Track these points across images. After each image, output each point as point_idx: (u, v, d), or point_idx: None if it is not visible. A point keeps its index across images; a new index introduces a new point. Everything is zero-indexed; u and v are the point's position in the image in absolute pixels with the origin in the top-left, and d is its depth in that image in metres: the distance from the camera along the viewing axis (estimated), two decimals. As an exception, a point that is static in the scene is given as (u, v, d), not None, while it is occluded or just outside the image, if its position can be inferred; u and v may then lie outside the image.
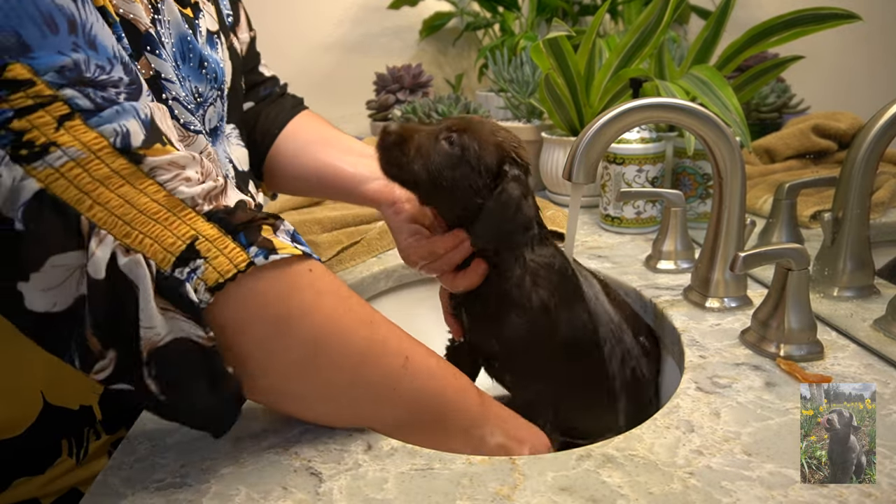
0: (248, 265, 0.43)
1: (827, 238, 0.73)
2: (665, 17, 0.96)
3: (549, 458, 0.49)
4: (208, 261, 0.42)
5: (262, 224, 0.46)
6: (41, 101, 0.38)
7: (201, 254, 0.42)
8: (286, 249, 0.45)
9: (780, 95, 1.31)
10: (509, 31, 1.44)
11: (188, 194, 0.43)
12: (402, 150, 0.58)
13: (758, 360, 0.61)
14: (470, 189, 0.58)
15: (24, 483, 0.59)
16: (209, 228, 0.43)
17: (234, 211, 0.45)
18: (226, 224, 0.44)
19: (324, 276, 0.49)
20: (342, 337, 0.48)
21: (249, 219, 0.45)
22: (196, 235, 0.42)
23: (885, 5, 1.04)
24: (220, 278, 0.42)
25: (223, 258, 0.43)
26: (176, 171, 0.43)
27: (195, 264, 0.42)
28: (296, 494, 0.46)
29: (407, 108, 1.26)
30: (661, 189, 0.92)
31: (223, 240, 0.43)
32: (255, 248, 0.44)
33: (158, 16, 0.55)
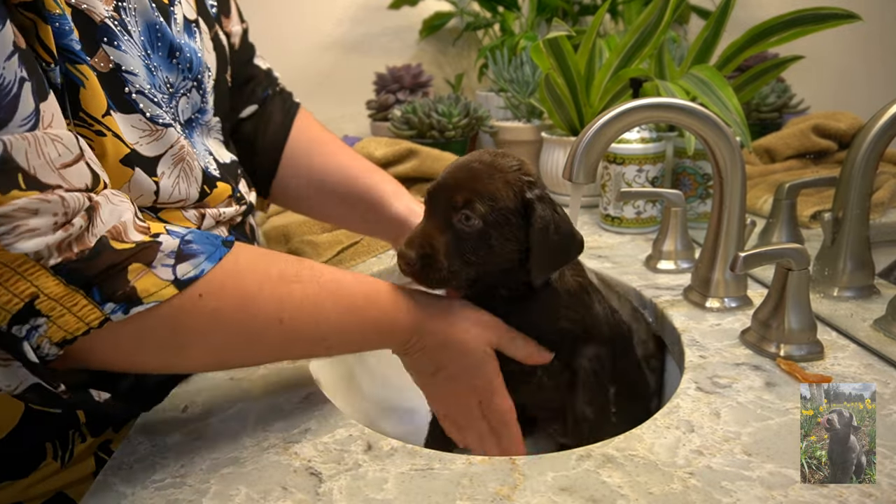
0: (104, 321, 0.41)
1: (827, 238, 0.73)
2: (665, 17, 0.96)
3: (549, 458, 0.49)
4: (51, 319, 0.40)
5: (128, 264, 0.42)
6: None
7: (42, 312, 0.40)
8: (154, 296, 0.42)
9: (780, 95, 1.31)
10: (509, 31, 1.44)
11: (30, 249, 0.39)
12: (434, 265, 0.53)
13: (758, 360, 0.61)
14: (513, 241, 0.55)
15: (7, 486, 0.58)
16: (53, 285, 0.40)
17: (93, 256, 0.41)
18: (77, 277, 0.41)
19: (219, 294, 0.46)
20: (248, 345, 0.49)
21: (110, 264, 0.42)
22: (36, 293, 0.40)
23: (885, 5, 1.04)
24: (67, 336, 0.41)
25: (70, 316, 0.40)
26: (17, 223, 0.38)
27: (35, 322, 0.40)
28: (296, 494, 0.46)
29: (407, 107, 1.26)
30: (661, 189, 0.92)
31: (71, 296, 0.40)
32: (111, 304, 0.41)
33: (123, 3, 0.52)
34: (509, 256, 0.55)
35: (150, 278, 0.43)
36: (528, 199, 0.54)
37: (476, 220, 0.53)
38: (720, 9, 1.01)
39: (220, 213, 0.62)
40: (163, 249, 0.44)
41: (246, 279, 0.48)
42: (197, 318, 0.45)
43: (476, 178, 0.54)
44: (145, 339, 0.44)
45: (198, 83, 0.61)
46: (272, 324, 0.48)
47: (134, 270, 0.42)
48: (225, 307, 0.46)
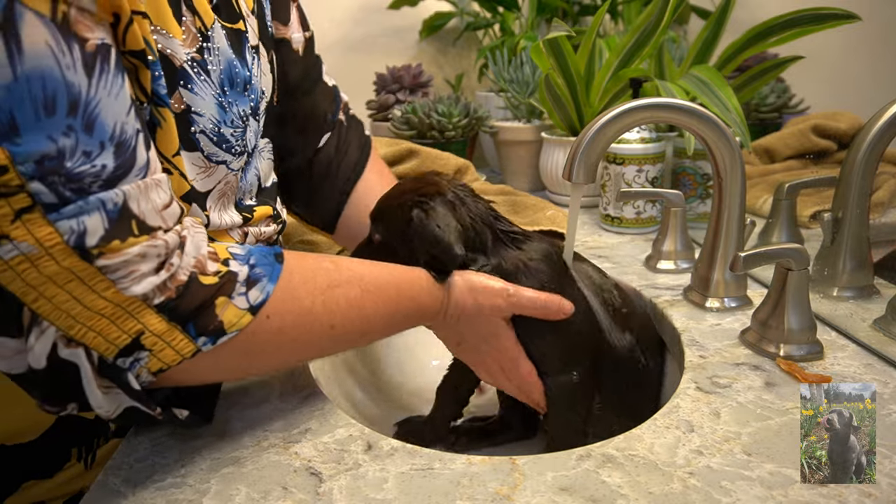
0: (195, 353, 0.45)
1: (827, 238, 0.73)
2: (665, 17, 0.96)
3: (549, 457, 0.49)
4: (153, 353, 0.43)
5: (215, 299, 0.45)
6: (6, 191, 0.37)
7: (146, 346, 0.43)
8: (236, 325, 0.46)
9: (780, 95, 1.31)
10: (509, 31, 1.44)
11: (139, 292, 0.42)
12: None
13: (758, 360, 0.61)
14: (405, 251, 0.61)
15: (32, 486, 0.59)
16: (157, 322, 0.43)
17: (186, 293, 0.44)
18: (176, 315, 0.44)
19: (282, 312, 0.49)
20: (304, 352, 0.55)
21: (202, 301, 0.45)
22: (143, 330, 0.43)
23: (885, 5, 1.04)
24: (163, 366, 0.44)
25: (169, 350, 0.44)
26: (130, 269, 0.42)
27: (139, 355, 0.43)
28: (296, 494, 0.46)
29: (407, 108, 1.26)
30: (661, 189, 0.93)
31: (171, 332, 0.44)
32: (203, 337, 0.45)
33: (208, 43, 0.54)
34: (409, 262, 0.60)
35: (232, 310, 0.46)
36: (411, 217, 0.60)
37: (377, 234, 0.64)
38: (720, 9, 1.01)
39: (260, 233, 0.65)
40: (238, 280, 0.47)
41: (301, 294, 0.51)
42: (264, 337, 0.49)
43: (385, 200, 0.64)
44: (220, 362, 0.48)
45: (254, 111, 0.63)
46: (325, 331, 0.52)
47: (220, 304, 0.46)
48: (286, 325, 0.49)
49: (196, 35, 0.53)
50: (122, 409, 0.45)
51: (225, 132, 0.56)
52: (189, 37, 0.53)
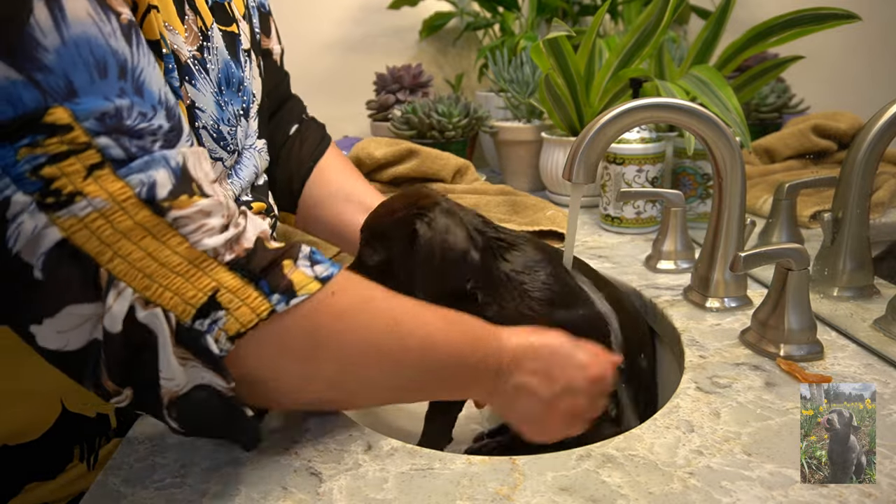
0: (270, 313, 0.43)
1: (827, 238, 0.73)
2: (665, 17, 0.96)
3: (549, 457, 0.49)
4: (230, 312, 0.42)
5: (282, 261, 0.45)
6: (75, 147, 0.38)
7: (222, 305, 0.42)
8: (305, 288, 0.45)
9: (780, 95, 1.31)
10: (509, 31, 1.44)
11: (210, 245, 0.42)
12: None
13: (758, 360, 0.61)
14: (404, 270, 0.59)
15: (35, 487, 0.59)
16: (231, 279, 0.43)
17: (255, 254, 0.44)
18: (248, 272, 0.43)
19: (346, 292, 0.48)
20: (370, 348, 0.49)
21: (270, 261, 0.45)
22: (217, 287, 0.42)
23: (885, 5, 1.04)
24: (241, 328, 0.42)
25: (245, 308, 0.42)
26: (200, 222, 0.42)
27: (216, 315, 0.42)
28: (296, 494, 0.46)
29: (407, 108, 1.26)
30: (661, 189, 0.93)
31: (245, 289, 0.43)
32: (277, 294, 0.44)
33: (208, 42, 0.55)
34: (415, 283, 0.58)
35: (299, 273, 0.45)
36: (415, 230, 0.57)
37: (375, 255, 0.60)
38: (720, 9, 1.01)
39: None
40: (302, 252, 0.47)
41: (363, 283, 0.50)
42: (329, 316, 0.47)
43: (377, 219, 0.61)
44: (286, 342, 0.45)
45: (245, 111, 0.64)
46: (389, 325, 0.49)
47: (287, 266, 0.45)
48: (351, 307, 0.48)
49: (197, 34, 0.54)
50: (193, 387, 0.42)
51: (223, 129, 0.57)
52: (191, 35, 0.53)
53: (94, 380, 0.41)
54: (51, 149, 0.38)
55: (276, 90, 0.81)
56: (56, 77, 0.38)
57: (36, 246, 0.38)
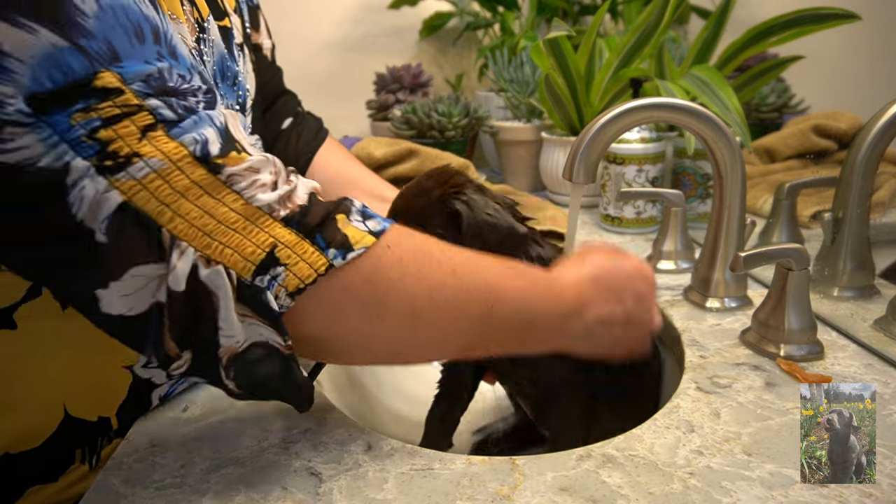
0: (328, 268, 0.43)
1: (827, 238, 0.73)
2: (665, 17, 0.96)
3: (549, 458, 0.49)
4: (288, 267, 0.42)
5: (335, 215, 0.45)
6: (128, 110, 0.39)
7: (281, 261, 0.42)
8: (361, 242, 0.45)
9: (780, 95, 1.31)
10: (509, 31, 1.44)
11: (265, 201, 0.42)
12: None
13: (758, 360, 0.61)
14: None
15: (37, 491, 0.59)
16: (287, 234, 0.43)
17: (309, 209, 0.45)
18: (303, 227, 0.44)
19: (401, 244, 0.48)
20: (432, 299, 0.49)
21: (324, 214, 0.45)
22: (275, 243, 0.42)
23: (885, 5, 1.04)
24: (300, 284, 0.42)
25: (303, 264, 0.43)
26: (252, 178, 0.43)
27: (275, 271, 0.42)
28: (296, 494, 0.46)
29: (407, 108, 1.26)
30: (661, 189, 0.92)
31: (302, 244, 0.43)
32: (333, 249, 0.44)
33: (204, 34, 0.55)
34: None
35: (353, 228, 0.45)
36: (455, 211, 0.56)
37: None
38: (720, 9, 1.01)
39: None
40: (354, 207, 0.47)
41: (416, 237, 0.50)
42: (388, 267, 0.46)
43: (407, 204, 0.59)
44: (351, 294, 0.45)
45: (241, 106, 0.64)
46: (446, 273, 0.49)
47: (341, 220, 0.45)
48: (408, 259, 0.48)
49: (194, 25, 0.54)
50: (249, 344, 0.43)
51: None
52: (189, 26, 0.53)
53: (156, 345, 0.42)
54: (104, 112, 0.38)
55: (268, 85, 0.80)
56: (99, 42, 0.38)
57: (98, 211, 0.39)
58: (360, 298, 0.46)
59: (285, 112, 0.83)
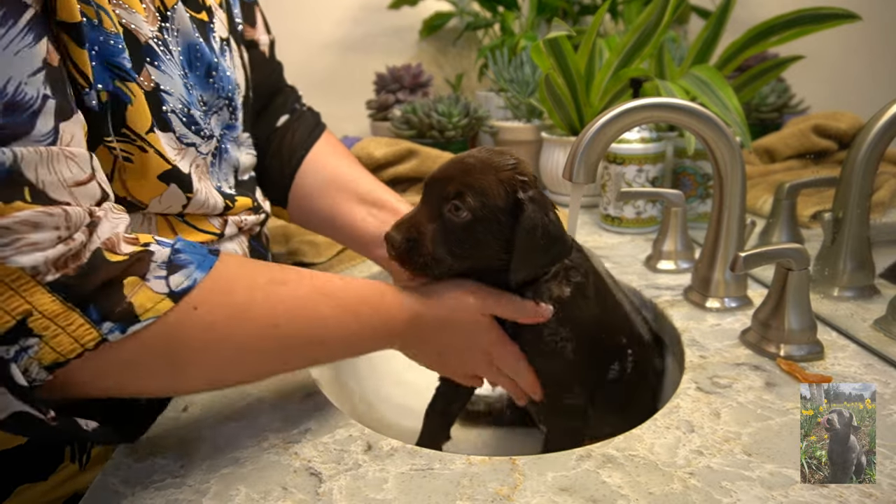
0: (100, 342, 0.39)
1: (827, 238, 0.73)
2: (665, 17, 0.96)
3: (549, 458, 0.49)
4: (44, 340, 0.38)
5: (123, 277, 0.41)
6: None
7: (35, 332, 0.38)
8: (151, 311, 0.41)
9: (781, 95, 1.31)
10: (509, 31, 1.44)
11: (28, 263, 0.37)
12: (419, 250, 0.54)
13: (758, 361, 0.61)
14: (499, 238, 0.54)
15: (27, 489, 0.59)
16: (49, 302, 0.38)
17: (89, 272, 0.40)
18: (74, 294, 0.39)
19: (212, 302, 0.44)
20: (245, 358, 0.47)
21: (107, 279, 0.40)
22: (30, 311, 0.38)
23: (885, 5, 1.04)
24: (59, 358, 0.38)
25: (64, 337, 0.38)
26: (16, 236, 0.37)
27: (26, 343, 0.38)
28: (296, 494, 0.46)
29: (407, 108, 1.26)
30: (661, 189, 0.92)
31: (67, 315, 0.39)
32: (108, 323, 0.40)
33: (166, 23, 0.54)
34: (494, 253, 0.55)
35: (145, 292, 0.41)
36: (519, 199, 0.54)
37: (465, 212, 0.53)
38: (720, 9, 1.01)
39: (241, 221, 0.64)
40: (154, 259, 0.43)
41: (237, 286, 0.46)
42: (192, 332, 0.43)
43: (470, 173, 0.54)
44: (140, 361, 0.42)
45: (229, 101, 0.63)
46: (267, 330, 0.47)
47: (129, 284, 0.41)
48: (219, 319, 0.44)
49: (155, 14, 0.53)
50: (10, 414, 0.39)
51: (194, 114, 0.56)
52: (150, 15, 0.52)
53: None
54: None
55: (265, 82, 0.79)
56: None
57: None
58: (156, 363, 0.43)
59: (281, 109, 0.82)
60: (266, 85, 0.79)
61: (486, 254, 0.55)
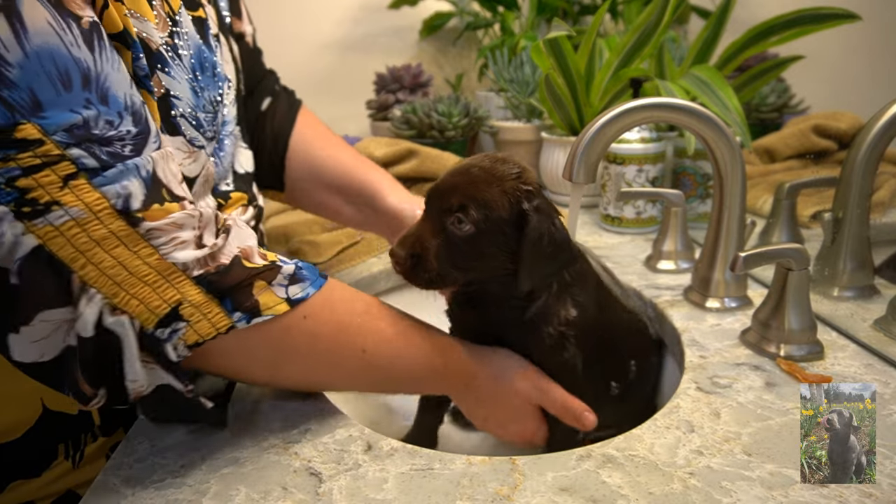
0: (230, 328, 0.46)
1: (827, 238, 0.73)
2: (665, 17, 0.96)
3: (549, 458, 0.49)
4: (190, 324, 0.45)
5: (255, 280, 0.48)
6: (49, 160, 0.40)
7: (184, 317, 0.44)
8: (271, 310, 0.48)
9: (781, 95, 1.31)
10: (509, 31, 1.44)
11: (181, 259, 0.44)
12: (423, 265, 0.54)
13: (758, 361, 0.61)
14: (504, 250, 0.54)
15: (20, 485, 0.59)
16: (196, 293, 0.45)
17: (228, 271, 0.46)
18: (215, 288, 0.46)
19: (320, 317, 0.51)
20: (333, 370, 0.54)
21: (240, 280, 0.47)
22: (181, 300, 0.44)
23: (885, 5, 1.04)
24: (199, 339, 0.45)
25: (205, 322, 0.45)
26: (172, 235, 0.44)
27: (177, 326, 0.44)
28: (296, 494, 0.46)
29: (407, 108, 1.25)
30: (661, 189, 0.92)
31: (209, 304, 0.45)
32: (239, 313, 0.46)
33: (177, 28, 0.55)
34: (499, 265, 0.54)
35: (269, 295, 0.48)
36: (524, 210, 0.53)
37: (468, 225, 0.52)
38: (720, 9, 1.01)
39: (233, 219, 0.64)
40: (282, 272, 0.49)
41: (339, 309, 0.53)
42: (297, 338, 0.50)
43: (473, 184, 0.53)
44: (253, 350, 0.49)
45: (222, 97, 0.64)
46: (356, 353, 0.53)
47: (258, 287, 0.48)
48: (321, 331, 0.51)
49: (166, 19, 0.53)
50: (154, 388, 0.45)
51: (200, 116, 0.56)
52: (160, 21, 0.53)
53: (73, 386, 0.43)
54: (24, 162, 0.39)
55: (250, 71, 0.80)
56: (21, 92, 0.38)
57: (13, 252, 0.40)
58: (265, 355, 0.50)
59: (264, 92, 0.82)
60: (251, 74, 0.80)
61: (492, 266, 0.55)
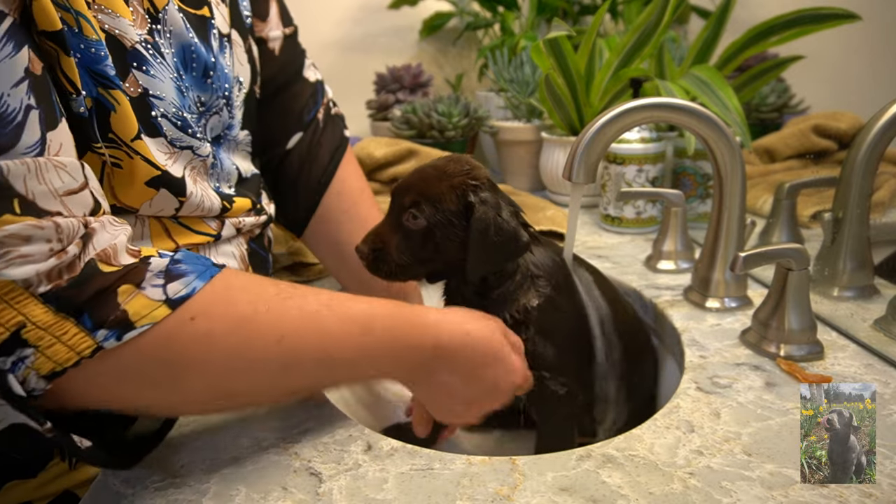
0: (95, 350, 0.39)
1: (827, 238, 0.73)
2: (665, 17, 0.96)
3: (549, 458, 0.49)
4: (39, 350, 0.38)
5: (118, 286, 0.40)
6: None
7: (30, 342, 0.38)
8: (147, 318, 0.40)
9: (781, 95, 1.31)
10: (509, 31, 1.44)
11: (19, 276, 0.38)
12: (384, 258, 0.59)
13: (758, 361, 0.61)
14: (455, 240, 0.58)
15: (15, 486, 0.59)
16: (41, 313, 0.38)
17: (81, 282, 0.39)
18: (68, 304, 0.39)
19: (212, 313, 0.43)
20: (247, 373, 0.45)
21: (100, 287, 0.40)
22: (23, 322, 0.38)
23: (885, 5, 1.04)
24: (55, 367, 0.39)
25: (59, 346, 0.39)
26: (7, 249, 0.37)
27: (22, 353, 0.38)
28: (296, 494, 0.46)
29: (407, 108, 1.26)
30: (661, 189, 0.92)
31: (60, 324, 0.39)
32: (103, 330, 0.39)
33: (158, 26, 0.53)
34: (454, 254, 0.58)
35: (140, 299, 0.41)
36: (470, 202, 0.57)
37: (421, 219, 0.57)
38: (720, 9, 1.01)
39: (240, 222, 0.63)
40: (151, 269, 0.42)
41: (239, 298, 0.45)
42: (190, 343, 0.42)
43: (425, 182, 0.58)
44: (135, 371, 0.41)
45: (227, 99, 0.62)
46: (270, 344, 0.45)
47: (124, 292, 0.40)
48: (218, 329, 0.43)
49: (145, 16, 0.52)
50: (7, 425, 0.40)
51: (187, 117, 0.54)
52: (139, 18, 0.51)
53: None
54: None
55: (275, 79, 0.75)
56: None
57: None
58: (149, 379, 0.42)
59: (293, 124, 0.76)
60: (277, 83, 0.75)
61: (448, 256, 0.59)
